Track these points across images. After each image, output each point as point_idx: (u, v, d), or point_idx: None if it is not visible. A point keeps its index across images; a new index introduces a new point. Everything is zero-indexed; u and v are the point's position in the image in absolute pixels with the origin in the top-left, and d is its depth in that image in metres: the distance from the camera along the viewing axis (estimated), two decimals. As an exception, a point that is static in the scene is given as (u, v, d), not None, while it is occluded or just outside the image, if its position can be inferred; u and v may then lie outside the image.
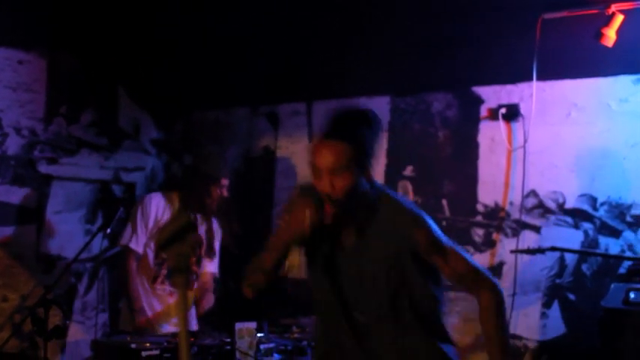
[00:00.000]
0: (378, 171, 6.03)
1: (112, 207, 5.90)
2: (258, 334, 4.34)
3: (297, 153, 6.43)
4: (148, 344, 4.27)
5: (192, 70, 6.58)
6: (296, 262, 3.17)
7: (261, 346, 4.29)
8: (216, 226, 5.44)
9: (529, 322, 5.46)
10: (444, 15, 5.69)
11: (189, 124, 6.93)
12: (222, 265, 5.59)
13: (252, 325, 4.26)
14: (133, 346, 4.24)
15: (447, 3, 5.65)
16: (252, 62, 6.44)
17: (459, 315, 5.67)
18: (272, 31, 6.26)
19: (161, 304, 5.23)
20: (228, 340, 4.25)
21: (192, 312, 5.34)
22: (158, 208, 5.22)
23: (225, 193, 5.24)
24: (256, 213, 6.58)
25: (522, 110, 5.57)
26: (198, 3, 6.14)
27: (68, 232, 6.19)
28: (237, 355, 4.14)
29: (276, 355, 4.33)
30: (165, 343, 4.29)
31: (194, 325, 5.30)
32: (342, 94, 6.17)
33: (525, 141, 5.53)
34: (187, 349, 1.90)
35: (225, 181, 5.23)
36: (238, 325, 4.19)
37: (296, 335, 4.72)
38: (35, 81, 6.02)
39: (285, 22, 6.17)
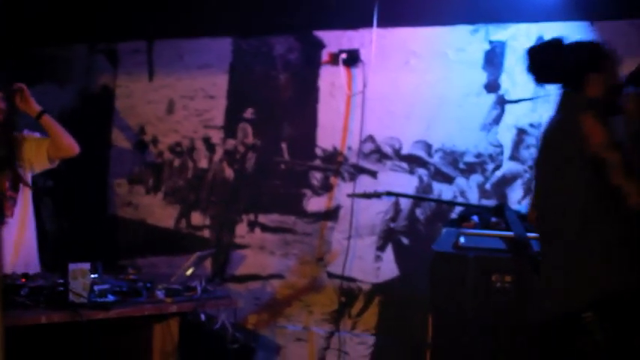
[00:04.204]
0: (218, 113, 6.01)
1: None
2: (92, 276, 4.26)
3: (136, 92, 6.31)
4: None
5: (23, 2, 6.31)
6: None
7: (95, 288, 4.21)
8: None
9: (364, 265, 5.58)
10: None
11: (23, 60, 6.66)
12: (55, 205, 5.43)
13: (86, 266, 4.18)
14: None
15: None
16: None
17: (295, 257, 5.74)
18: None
19: None
20: (61, 281, 4.16)
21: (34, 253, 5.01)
22: None
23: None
24: (92, 152, 6.43)
25: (362, 56, 5.63)
26: None
27: None
28: (71, 296, 4.06)
29: (110, 297, 4.27)
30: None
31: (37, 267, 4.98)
32: (184, 33, 6.09)
33: (364, 87, 5.60)
34: None
35: None
36: (72, 266, 4.10)
37: (131, 277, 4.66)
38: None
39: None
